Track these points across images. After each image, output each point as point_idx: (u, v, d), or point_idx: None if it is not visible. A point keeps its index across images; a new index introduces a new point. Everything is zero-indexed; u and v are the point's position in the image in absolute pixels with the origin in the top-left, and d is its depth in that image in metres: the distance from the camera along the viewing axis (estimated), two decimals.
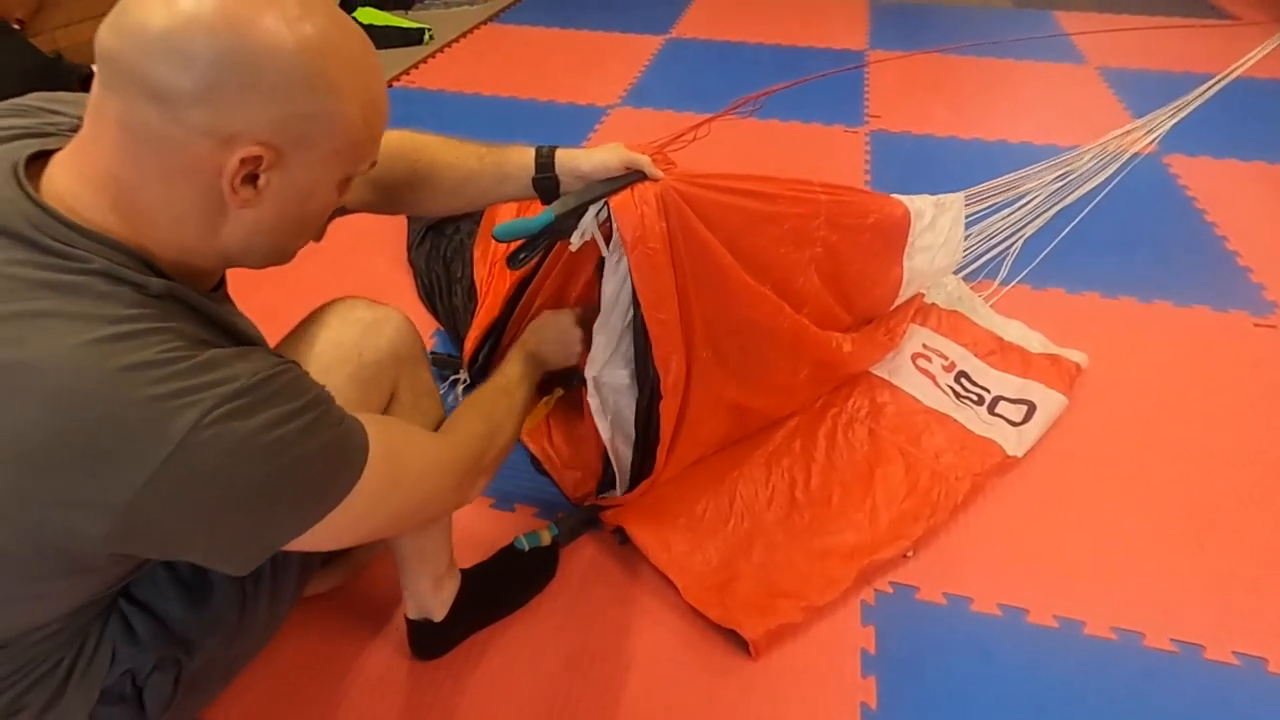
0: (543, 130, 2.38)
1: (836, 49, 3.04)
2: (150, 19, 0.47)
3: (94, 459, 0.46)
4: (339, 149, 0.55)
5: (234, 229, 0.55)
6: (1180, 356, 1.50)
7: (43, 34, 2.45)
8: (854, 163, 2.20)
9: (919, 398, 1.36)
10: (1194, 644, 1.01)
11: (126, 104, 0.49)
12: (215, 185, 0.51)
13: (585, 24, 3.32)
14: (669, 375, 1.00)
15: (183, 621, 0.67)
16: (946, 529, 1.15)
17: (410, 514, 0.68)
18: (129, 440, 0.46)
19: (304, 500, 0.54)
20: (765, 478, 1.21)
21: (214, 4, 0.48)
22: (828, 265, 1.23)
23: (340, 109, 0.53)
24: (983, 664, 0.99)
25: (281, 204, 0.55)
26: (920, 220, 1.45)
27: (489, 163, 0.89)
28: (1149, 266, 1.76)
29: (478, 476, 0.75)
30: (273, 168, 0.52)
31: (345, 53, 0.53)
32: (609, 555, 1.11)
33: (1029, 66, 2.92)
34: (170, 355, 0.48)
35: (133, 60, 0.48)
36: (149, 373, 0.47)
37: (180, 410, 0.47)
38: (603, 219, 0.91)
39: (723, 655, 0.99)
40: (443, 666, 0.97)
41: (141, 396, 0.46)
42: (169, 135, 0.49)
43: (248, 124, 0.50)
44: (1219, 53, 2.99)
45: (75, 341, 0.46)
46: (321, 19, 0.52)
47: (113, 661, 0.64)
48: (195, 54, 0.47)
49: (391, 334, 0.77)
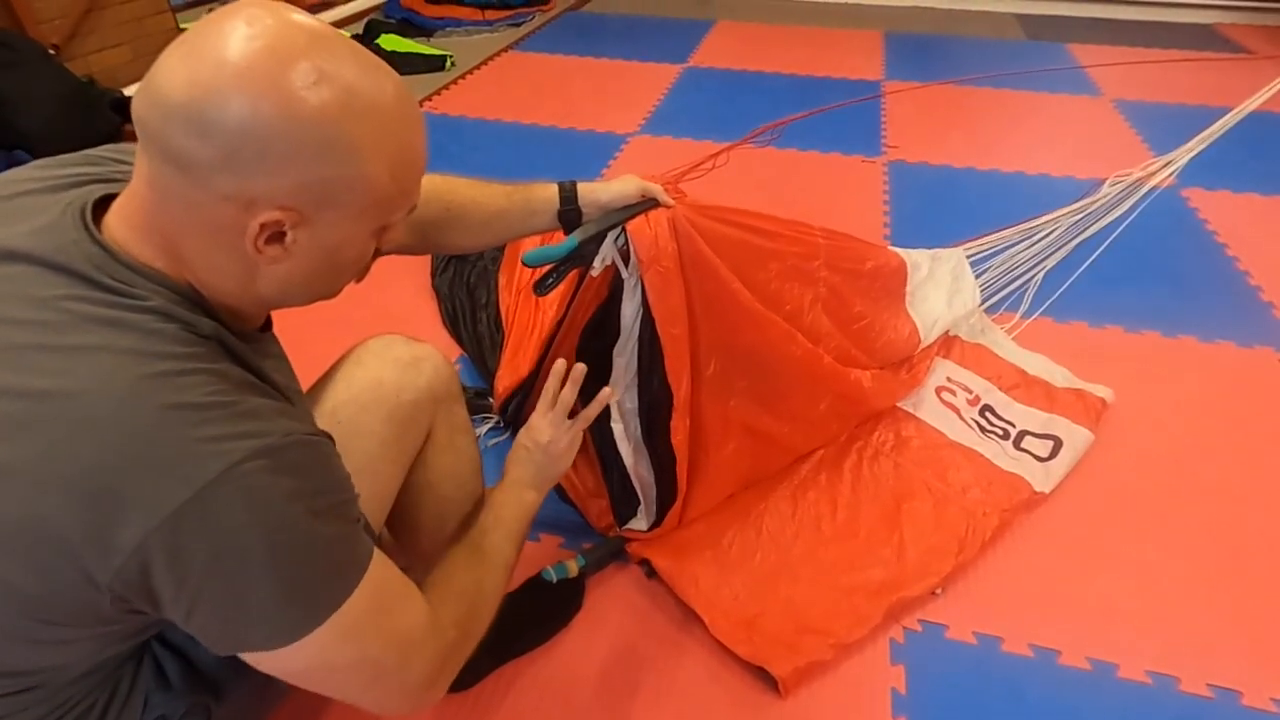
0: (563, 157, 2.41)
1: (852, 79, 3.08)
2: (173, 89, 0.47)
3: (118, 496, 0.46)
4: (365, 207, 0.54)
5: (268, 281, 0.55)
6: (1206, 393, 1.49)
7: (76, 59, 2.50)
8: (873, 192, 2.22)
9: (944, 431, 1.36)
10: (1231, 689, 0.99)
11: (155, 167, 0.50)
12: (242, 244, 0.51)
13: (605, 52, 3.37)
14: (680, 391, 1.02)
15: (213, 667, 0.66)
16: (975, 566, 1.14)
17: (367, 678, 0.58)
18: (153, 480, 0.46)
19: (292, 595, 0.50)
20: (791, 511, 1.20)
21: (232, 74, 0.47)
22: (834, 305, 1.25)
23: (362, 170, 0.52)
24: (1015, 706, 0.98)
25: (311, 258, 0.54)
26: (917, 272, 1.51)
27: (516, 199, 0.92)
28: (1171, 301, 1.76)
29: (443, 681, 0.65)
30: (298, 226, 0.52)
31: (370, 111, 0.51)
32: (636, 587, 1.11)
33: (1044, 98, 2.95)
34: (211, 400, 0.48)
35: (157, 128, 0.48)
36: (188, 414, 0.47)
37: (209, 458, 0.47)
38: (620, 245, 0.97)
39: (751, 691, 0.98)
40: (469, 699, 0.96)
41: (176, 437, 0.47)
42: (194, 199, 0.50)
43: (267, 190, 0.49)
44: (1234, 87, 3.01)
45: (121, 376, 0.47)
46: (346, 76, 0.50)
47: (145, 707, 0.63)
48: (213, 124, 0.47)
49: (430, 373, 0.78)
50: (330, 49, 0.50)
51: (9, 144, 2.14)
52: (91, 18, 2.54)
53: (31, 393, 0.47)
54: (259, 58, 0.47)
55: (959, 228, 1.88)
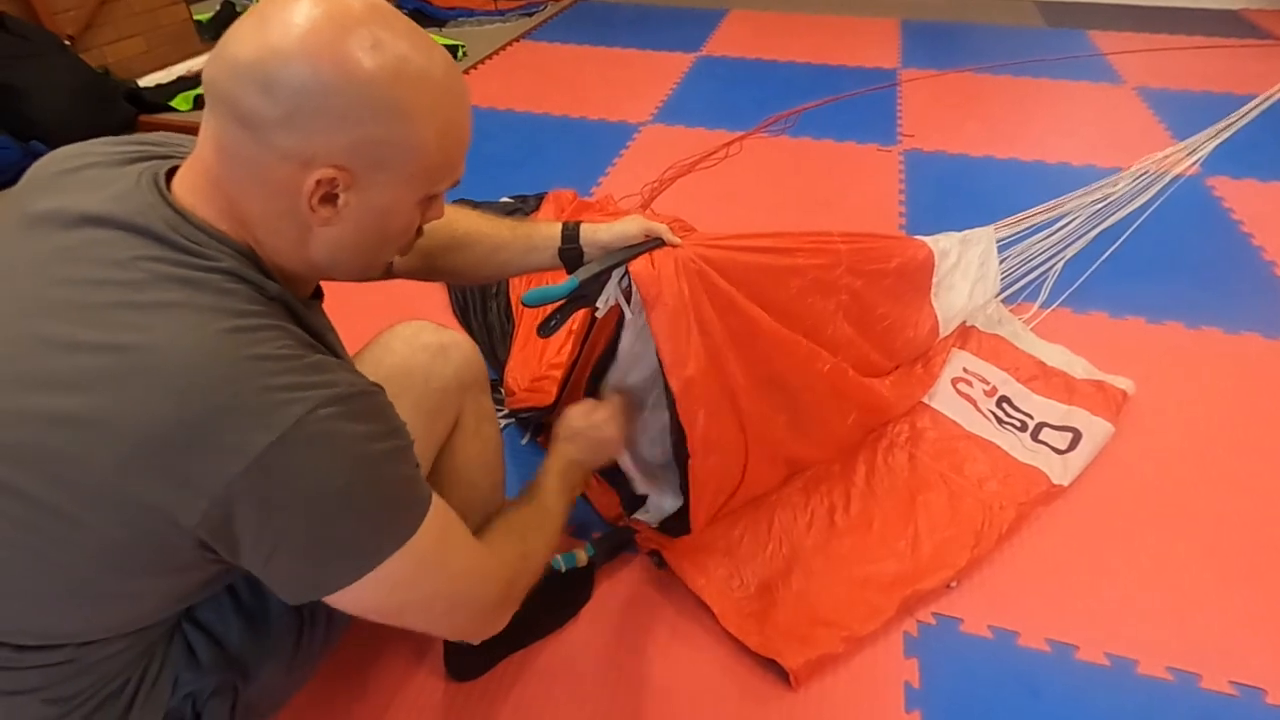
0: (575, 146, 2.40)
1: (868, 67, 3.04)
2: (241, 51, 0.52)
3: (204, 442, 0.48)
4: (414, 172, 0.57)
5: (319, 244, 0.58)
6: (1231, 385, 1.46)
7: (91, 50, 2.52)
8: (888, 182, 2.18)
9: (960, 423, 1.34)
10: (1255, 687, 0.97)
11: (222, 126, 0.54)
12: (299, 204, 0.54)
13: (617, 41, 3.34)
14: (695, 430, 0.98)
15: (241, 647, 0.67)
16: (991, 559, 1.12)
17: (443, 606, 0.65)
18: (238, 427, 0.48)
19: (370, 527, 0.55)
20: (804, 503, 1.19)
21: (297, 37, 0.51)
22: (855, 311, 1.23)
23: (414, 134, 0.55)
24: (1031, 702, 0.96)
25: (361, 223, 0.57)
26: (945, 260, 1.47)
27: (519, 234, 0.94)
28: (1195, 291, 1.72)
29: (510, 604, 0.72)
30: (350, 189, 0.55)
31: (421, 79, 0.54)
32: (645, 578, 1.10)
33: (1065, 86, 2.89)
34: (285, 352, 0.52)
35: (225, 87, 0.52)
36: (266, 365, 0.50)
37: (288, 404, 0.49)
38: (624, 285, 0.95)
39: (762, 683, 0.97)
40: (478, 688, 0.96)
41: (257, 386, 0.49)
42: (257, 157, 0.53)
43: (324, 148, 0.53)
44: (1260, 74, 2.94)
45: (201, 331, 0.50)
46: (400, 47, 0.53)
47: (175, 685, 0.64)
48: (277, 83, 0.51)
49: (458, 360, 0.79)
50: (387, 21, 0.54)
51: (25, 135, 2.16)
52: (106, 9, 2.55)
53: (118, 347, 0.49)
54: (320, 24, 0.51)
55: (976, 217, 1.84)
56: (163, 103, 2.47)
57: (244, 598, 0.68)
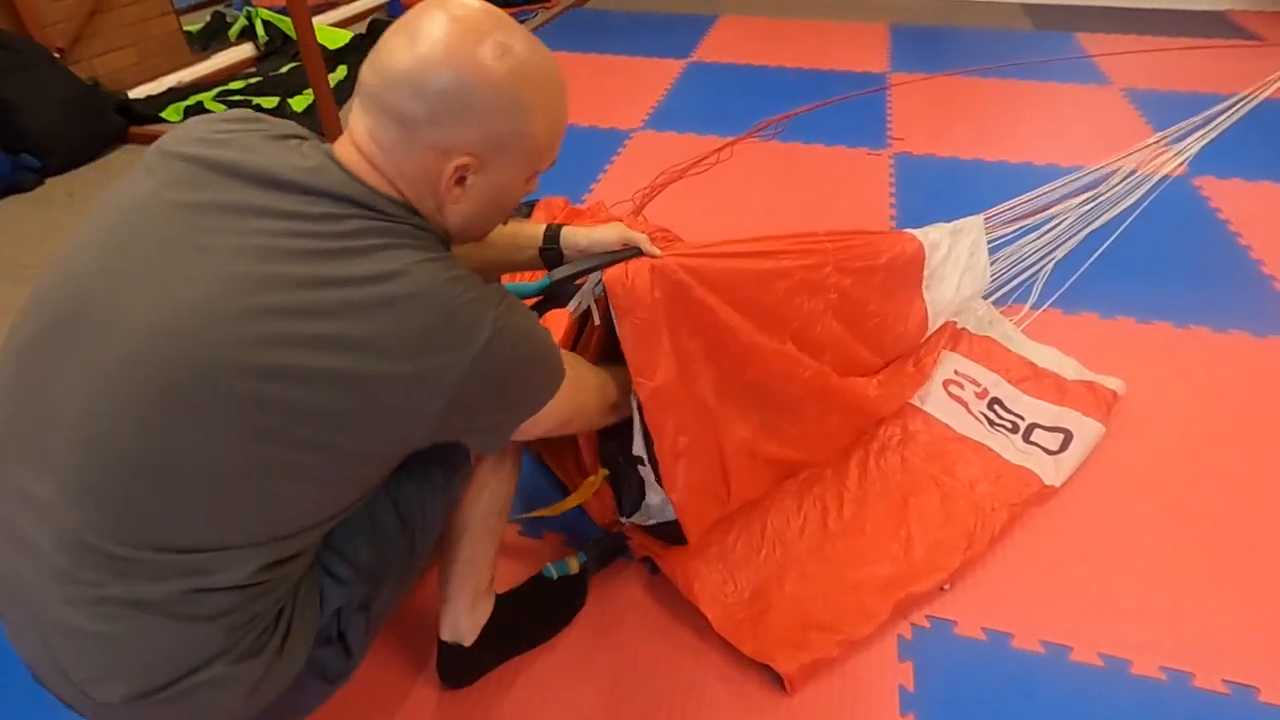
0: (567, 152, 2.35)
1: (857, 72, 3.05)
2: (396, 61, 0.63)
3: (440, 346, 0.62)
4: (527, 156, 0.70)
5: (451, 214, 0.70)
6: (1220, 384, 1.47)
7: (81, 62, 2.51)
8: (879, 186, 2.19)
9: (951, 425, 1.34)
10: (1247, 685, 0.97)
11: (378, 123, 0.65)
12: (438, 185, 0.67)
13: (608, 48, 3.35)
14: (664, 437, 0.98)
15: (371, 561, 0.75)
16: (984, 561, 1.12)
17: (595, 403, 0.90)
18: (459, 332, 0.62)
19: (545, 377, 0.74)
20: (796, 506, 1.19)
21: (442, 48, 0.62)
22: (845, 309, 1.22)
23: (531, 127, 0.67)
24: (1025, 703, 0.96)
25: (483, 198, 0.70)
26: (936, 252, 1.46)
27: (505, 233, 0.98)
28: (1184, 291, 1.73)
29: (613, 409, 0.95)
30: (478, 172, 0.67)
31: (539, 80, 0.67)
32: (639, 584, 1.10)
33: (1052, 88, 2.91)
34: (466, 275, 0.65)
35: (381, 92, 0.64)
36: (461, 284, 0.64)
37: (483, 310, 0.64)
38: (599, 293, 0.96)
39: (757, 689, 0.97)
40: (472, 696, 0.95)
41: (465, 301, 0.63)
42: (405, 148, 0.65)
43: (462, 139, 0.65)
44: (1245, 74, 2.96)
45: (419, 263, 0.62)
46: (522, 52, 0.65)
47: (322, 604, 0.72)
48: (426, 87, 0.62)
49: None
50: (509, 29, 0.65)
51: (15, 148, 2.15)
52: (96, 21, 2.55)
53: (357, 279, 0.60)
54: (458, 36, 0.63)
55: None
56: (153, 114, 2.47)
57: (362, 522, 0.74)
